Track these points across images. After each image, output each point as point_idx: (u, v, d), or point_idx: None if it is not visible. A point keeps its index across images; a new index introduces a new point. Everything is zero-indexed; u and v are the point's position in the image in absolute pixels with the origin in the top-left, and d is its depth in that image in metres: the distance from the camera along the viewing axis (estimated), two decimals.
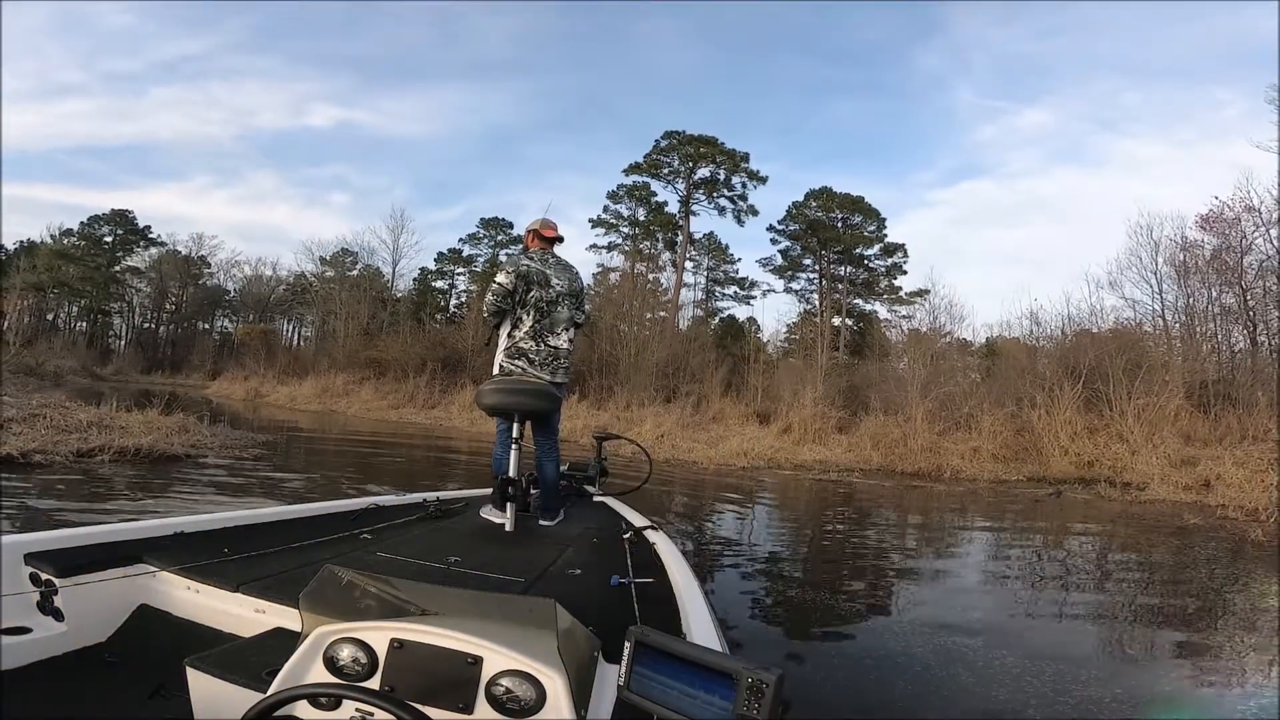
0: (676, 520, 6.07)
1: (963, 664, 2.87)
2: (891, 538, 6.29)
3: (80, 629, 1.40)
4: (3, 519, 3.79)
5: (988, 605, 3.95)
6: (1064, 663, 2.90)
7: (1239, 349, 13.81)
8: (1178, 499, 8.53)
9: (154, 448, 6.83)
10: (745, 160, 28.49)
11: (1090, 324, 14.44)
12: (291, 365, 26.95)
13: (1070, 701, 2.52)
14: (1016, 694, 2.56)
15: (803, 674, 2.66)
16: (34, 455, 5.84)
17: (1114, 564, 5.52)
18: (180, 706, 1.16)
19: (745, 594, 3.85)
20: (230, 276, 40.50)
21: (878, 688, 2.59)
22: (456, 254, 34.01)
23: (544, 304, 2.75)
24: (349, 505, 2.47)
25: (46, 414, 7.61)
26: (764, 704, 0.74)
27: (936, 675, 2.75)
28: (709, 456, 11.50)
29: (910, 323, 23.99)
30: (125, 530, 1.73)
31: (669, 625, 1.43)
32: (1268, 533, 6.47)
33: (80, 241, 37.61)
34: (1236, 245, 13.79)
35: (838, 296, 28.93)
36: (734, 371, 19.26)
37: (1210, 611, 4.04)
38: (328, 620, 1.06)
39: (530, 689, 0.96)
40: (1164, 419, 10.94)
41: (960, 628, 3.34)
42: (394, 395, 20.76)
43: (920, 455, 11.40)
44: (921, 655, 2.97)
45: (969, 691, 2.59)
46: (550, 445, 2.85)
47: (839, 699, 2.46)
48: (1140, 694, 2.67)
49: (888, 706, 2.45)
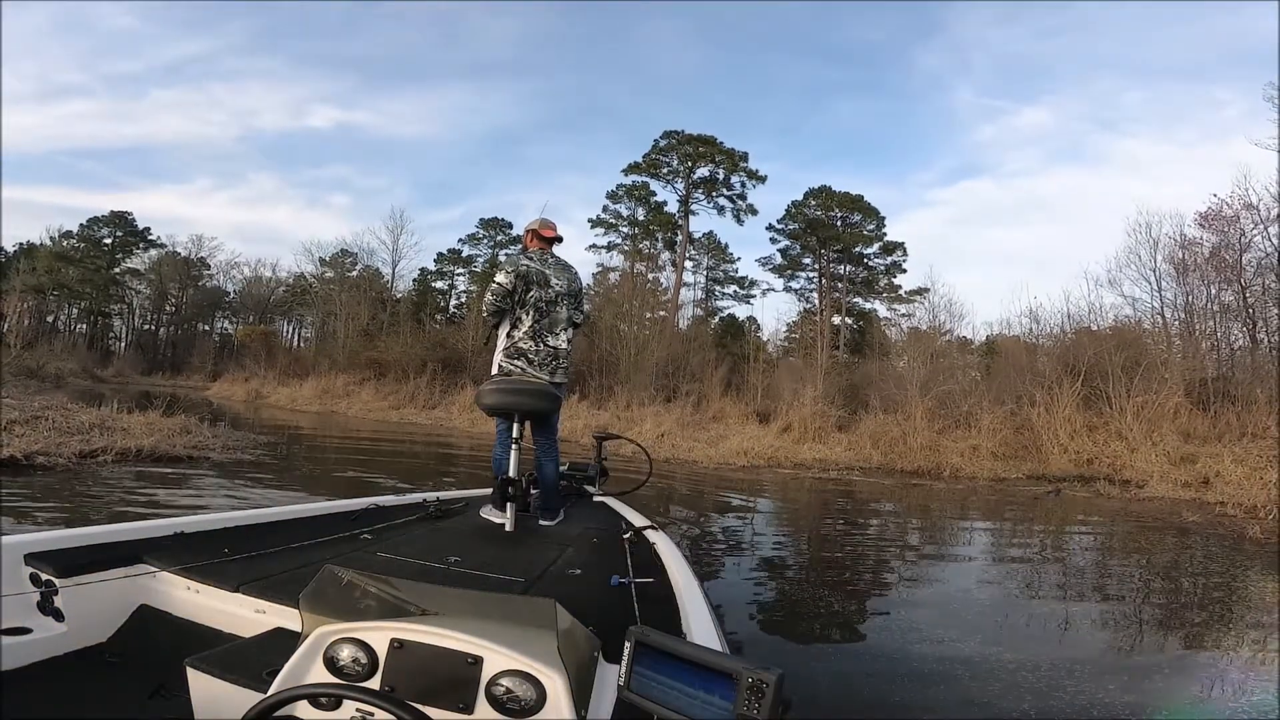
0: (676, 520, 6.07)
1: (959, 661, 2.89)
2: (890, 536, 6.31)
3: (80, 629, 1.39)
4: (2, 519, 3.79)
5: (983, 604, 3.96)
6: (1059, 661, 2.92)
7: (1238, 346, 13.82)
8: (1176, 496, 8.54)
9: (156, 449, 6.86)
10: (744, 160, 28.50)
11: (1090, 322, 14.49)
12: (292, 366, 26.95)
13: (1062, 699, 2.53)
14: (1011, 689, 2.59)
15: (802, 673, 2.66)
16: (37, 457, 5.86)
17: (1112, 562, 5.53)
18: (180, 707, 1.16)
19: (745, 593, 3.85)
20: (230, 278, 40.56)
21: (877, 685, 2.60)
22: (456, 254, 34.04)
23: (543, 304, 2.75)
24: (349, 505, 2.47)
25: (49, 416, 7.62)
26: (764, 704, 0.74)
27: (933, 671, 2.76)
28: (709, 456, 11.51)
29: (910, 321, 24.04)
30: (125, 530, 1.73)
31: (669, 625, 1.43)
32: (1266, 530, 6.48)
33: (80, 243, 37.62)
34: (1235, 243, 13.79)
35: (837, 295, 28.94)
36: (734, 371, 19.26)
37: (1205, 608, 4.05)
38: (328, 620, 1.06)
39: (530, 689, 0.96)
40: (1163, 416, 10.95)
41: (956, 626, 3.36)
42: (394, 396, 20.76)
43: (920, 453, 11.40)
44: (918, 652, 2.99)
45: (965, 686, 2.61)
46: (550, 445, 2.85)
47: (839, 698, 2.46)
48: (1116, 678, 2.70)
49: (887, 705, 2.45)
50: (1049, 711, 2.42)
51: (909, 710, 2.43)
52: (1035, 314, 15.47)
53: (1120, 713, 2.45)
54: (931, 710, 2.43)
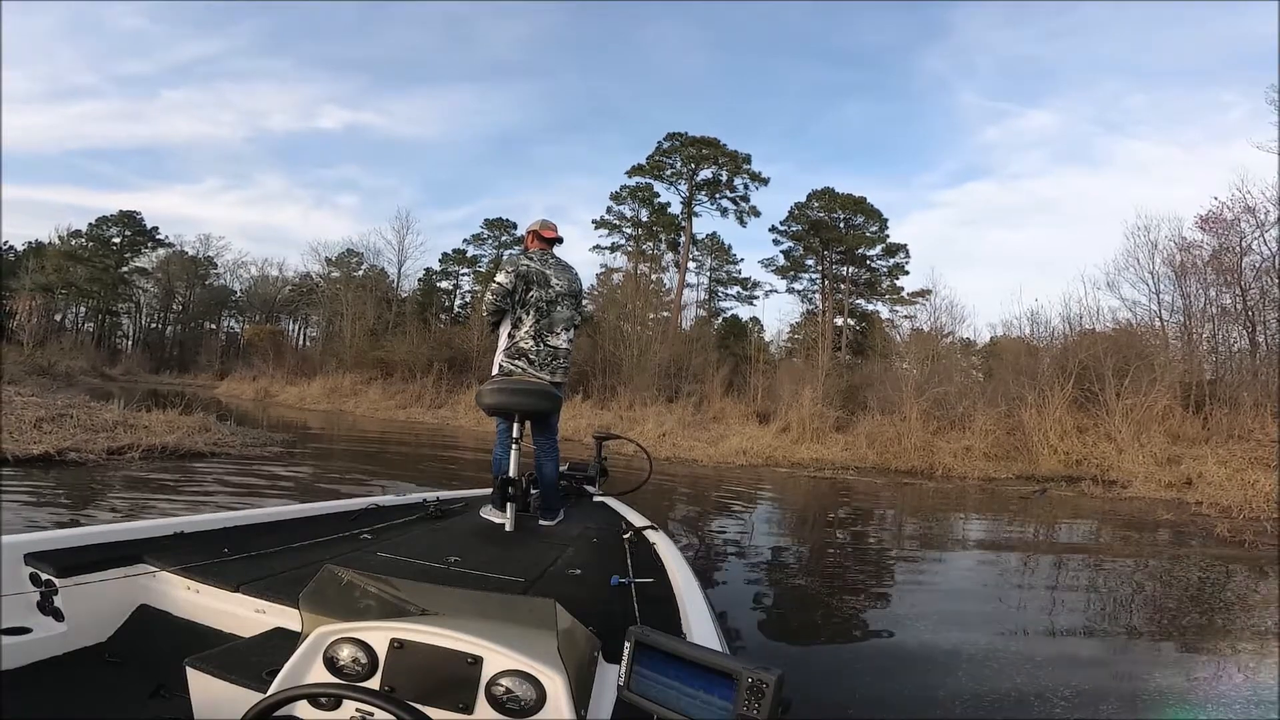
0: (675, 517, 6.13)
1: (948, 647, 3.04)
2: (876, 530, 6.49)
3: (80, 629, 1.39)
4: (2, 519, 3.81)
5: (956, 592, 4.27)
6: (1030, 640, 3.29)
7: (1236, 349, 13.71)
8: (1157, 496, 8.62)
9: (179, 445, 6.98)
10: (747, 162, 28.50)
11: (1087, 324, 14.40)
12: (300, 365, 27.07)
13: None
14: (1002, 671, 2.75)
15: (801, 672, 2.66)
16: (68, 454, 5.95)
17: (1072, 556, 5.69)
18: (180, 706, 1.16)
19: (745, 593, 3.86)
20: (236, 277, 40.80)
21: (875, 683, 2.61)
22: (461, 254, 34.13)
23: (544, 304, 2.75)
24: (349, 505, 2.47)
25: (73, 414, 7.73)
26: (764, 704, 0.74)
27: (922, 658, 2.88)
28: (709, 455, 11.63)
29: (913, 323, 23.93)
30: (125, 530, 1.73)
31: (669, 625, 1.43)
32: (1234, 528, 6.59)
33: (88, 243, 37.89)
34: (1235, 246, 13.68)
35: (840, 297, 28.87)
36: (735, 371, 19.26)
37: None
38: (328, 620, 1.06)
39: (530, 689, 0.96)
40: (1152, 418, 11.00)
41: (942, 619, 3.53)
42: (401, 395, 20.84)
43: (913, 454, 11.50)
44: (910, 645, 3.09)
45: (960, 680, 2.65)
46: (550, 445, 2.84)
47: (838, 697, 2.46)
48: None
49: (887, 703, 2.44)
50: (1037, 695, 2.51)
51: (909, 709, 2.43)
52: (1034, 316, 15.45)
53: (1110, 701, 2.53)
54: (932, 706, 2.43)
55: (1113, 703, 2.55)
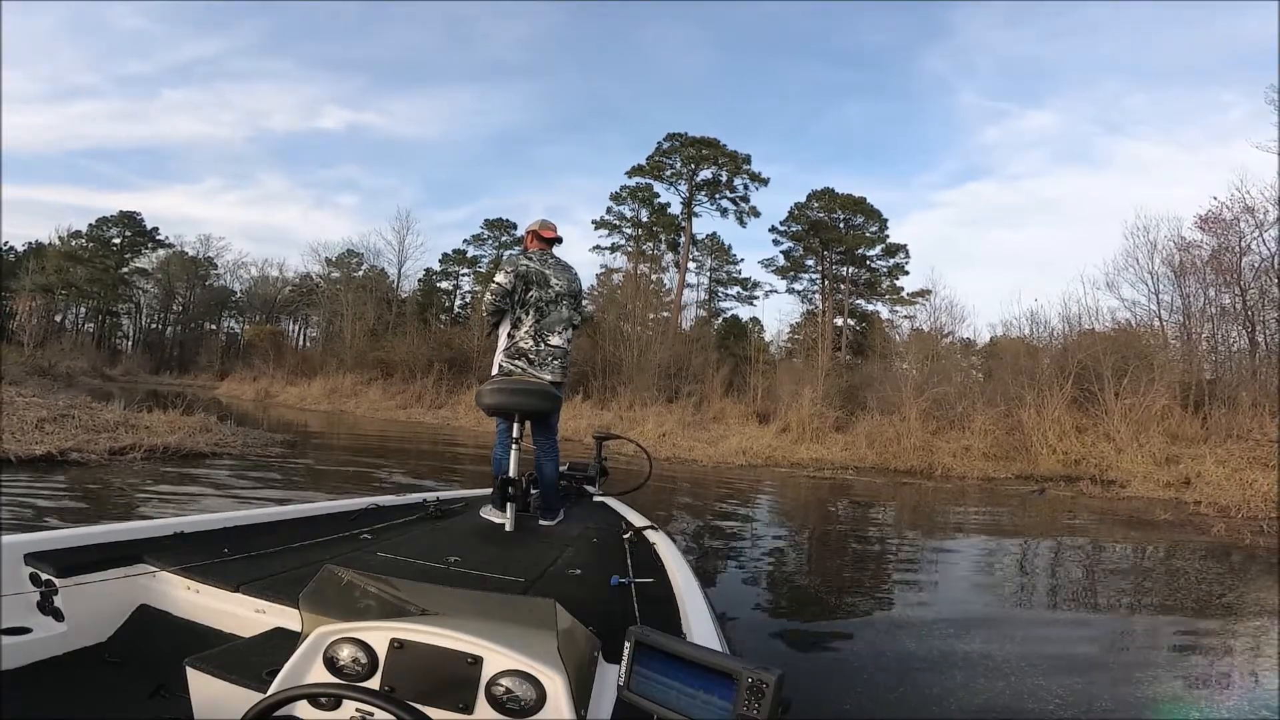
0: (675, 517, 6.13)
1: (947, 647, 3.07)
2: (875, 530, 6.51)
3: (80, 629, 1.39)
4: (2, 519, 3.81)
5: (947, 584, 4.38)
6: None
7: (1235, 349, 13.71)
8: (1155, 496, 8.63)
9: (181, 446, 6.98)
10: (747, 162, 28.50)
11: (1087, 324, 14.40)
12: (300, 366, 27.05)
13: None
14: (1002, 671, 2.78)
15: (801, 672, 2.66)
16: (70, 454, 5.94)
17: (1072, 555, 5.74)
18: (180, 706, 1.16)
19: (745, 593, 3.87)
20: (237, 278, 40.77)
21: (875, 682, 2.60)
22: (461, 254, 34.12)
23: (543, 304, 2.75)
24: (349, 505, 2.47)
25: (74, 414, 7.73)
26: (764, 704, 0.74)
27: (922, 658, 2.88)
28: (709, 455, 11.64)
29: (913, 323, 23.92)
30: (125, 530, 1.73)
31: (669, 625, 1.42)
32: (1231, 528, 6.59)
33: (88, 243, 37.86)
34: (1234, 246, 13.69)
35: (840, 297, 28.86)
36: (735, 372, 19.24)
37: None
38: (328, 620, 1.06)
39: (530, 689, 0.96)
40: (1150, 418, 11.01)
41: (942, 619, 3.54)
42: (401, 395, 20.84)
43: (913, 454, 11.50)
44: (909, 644, 3.10)
45: (960, 679, 2.65)
46: (550, 445, 2.84)
47: (838, 696, 2.46)
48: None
49: (886, 703, 2.44)
50: (1034, 694, 2.50)
51: (909, 708, 2.43)
52: (1034, 316, 15.45)
53: (1110, 705, 2.53)
54: (931, 706, 2.43)
55: (1108, 703, 2.55)
